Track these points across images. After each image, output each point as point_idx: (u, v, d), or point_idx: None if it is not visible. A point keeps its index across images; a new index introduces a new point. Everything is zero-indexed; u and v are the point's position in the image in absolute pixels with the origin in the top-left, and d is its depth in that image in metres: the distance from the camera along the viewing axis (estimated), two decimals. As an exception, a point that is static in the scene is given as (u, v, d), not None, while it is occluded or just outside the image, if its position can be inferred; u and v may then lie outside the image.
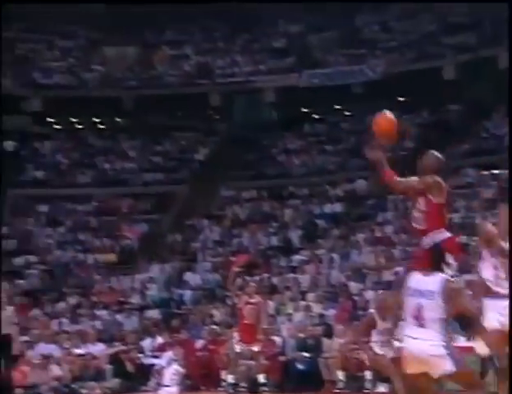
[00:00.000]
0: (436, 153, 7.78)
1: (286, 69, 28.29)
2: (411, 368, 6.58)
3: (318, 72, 27.69)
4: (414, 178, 7.64)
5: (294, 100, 28.16)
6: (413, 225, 7.66)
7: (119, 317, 19.90)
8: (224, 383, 13.87)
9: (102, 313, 20.02)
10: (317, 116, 29.73)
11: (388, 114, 7.60)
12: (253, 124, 28.84)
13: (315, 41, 29.38)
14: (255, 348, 13.07)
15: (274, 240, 22.85)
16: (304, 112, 29.92)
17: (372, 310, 11.52)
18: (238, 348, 13.02)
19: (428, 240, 7.40)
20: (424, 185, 7.48)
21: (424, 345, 6.49)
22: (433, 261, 6.80)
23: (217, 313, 18.02)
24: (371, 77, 26.86)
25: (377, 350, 10.40)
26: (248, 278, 19.93)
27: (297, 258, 21.21)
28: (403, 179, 7.59)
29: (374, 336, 10.49)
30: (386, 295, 12.09)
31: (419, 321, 6.56)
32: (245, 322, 12.98)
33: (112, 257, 24.20)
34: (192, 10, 28.58)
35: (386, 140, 7.50)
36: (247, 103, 29.49)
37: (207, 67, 29.39)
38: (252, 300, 13.17)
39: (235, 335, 13.22)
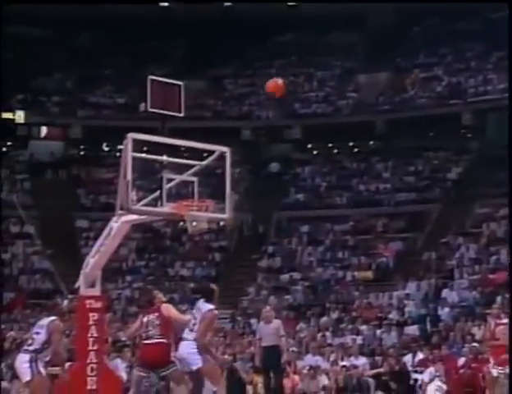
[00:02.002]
0: None
1: (543, 83, 27.69)
2: None
3: None
4: None
5: (551, 114, 27.37)
6: None
7: (378, 332, 20.67)
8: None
9: (363, 327, 20.90)
10: None
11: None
12: (507, 141, 28.43)
13: None
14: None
15: (535, 257, 22.45)
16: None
17: None
18: (495, 372, 12.96)
19: None
20: None
21: None
22: None
23: (478, 331, 18.06)
24: None
25: None
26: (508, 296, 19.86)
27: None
28: None
29: None
30: None
31: None
32: (499, 343, 12.91)
33: (369, 274, 25.24)
34: (443, 31, 28.99)
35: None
36: (500, 121, 29.17)
37: (459, 87, 29.64)
38: (502, 321, 13.07)
39: (491, 359, 13.14)
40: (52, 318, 9.75)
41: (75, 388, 9.40)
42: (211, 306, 9.60)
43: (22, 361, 9.60)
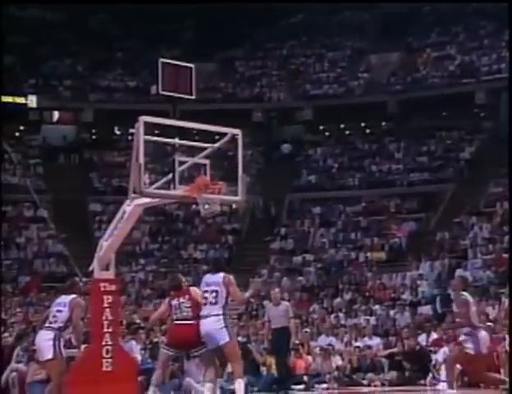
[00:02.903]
0: None
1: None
2: None
3: None
4: None
5: None
6: None
7: (392, 312, 20.66)
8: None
9: (376, 308, 20.91)
10: None
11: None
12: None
13: None
14: None
15: (548, 237, 22.34)
16: None
17: None
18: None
19: None
20: None
21: None
22: None
23: (492, 311, 17.99)
24: None
25: None
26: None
27: None
28: None
29: None
30: None
31: None
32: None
33: (381, 255, 25.22)
34: (456, 10, 28.77)
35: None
36: (513, 99, 28.99)
37: (472, 66, 29.44)
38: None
39: (506, 337, 13.26)
40: (73, 295, 9.79)
41: (91, 370, 9.46)
42: (221, 273, 9.70)
43: (45, 338, 9.53)
